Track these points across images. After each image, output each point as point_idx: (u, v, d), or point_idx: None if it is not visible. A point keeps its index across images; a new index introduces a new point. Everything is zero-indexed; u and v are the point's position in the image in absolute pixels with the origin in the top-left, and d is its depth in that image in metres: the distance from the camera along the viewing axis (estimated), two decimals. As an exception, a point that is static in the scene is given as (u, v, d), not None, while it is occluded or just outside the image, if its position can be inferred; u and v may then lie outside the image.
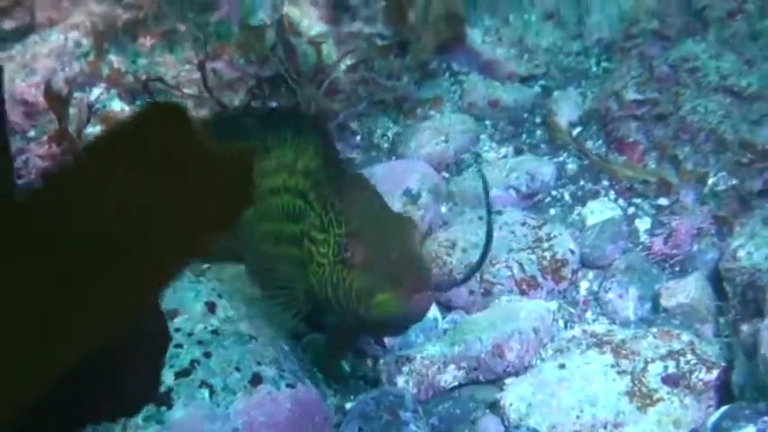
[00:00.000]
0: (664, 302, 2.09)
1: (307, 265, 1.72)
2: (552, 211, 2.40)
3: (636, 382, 1.85)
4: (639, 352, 1.91)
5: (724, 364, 1.88)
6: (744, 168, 2.26)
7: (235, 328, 1.82)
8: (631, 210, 2.36)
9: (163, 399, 1.67)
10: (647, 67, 2.43)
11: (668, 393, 1.83)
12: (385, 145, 2.61)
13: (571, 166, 2.50)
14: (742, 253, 2.00)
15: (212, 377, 1.72)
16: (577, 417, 1.82)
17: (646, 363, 1.88)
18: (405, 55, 2.64)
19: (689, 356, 1.89)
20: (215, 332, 1.80)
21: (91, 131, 2.29)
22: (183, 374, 1.72)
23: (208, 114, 2.40)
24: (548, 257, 2.18)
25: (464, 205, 2.40)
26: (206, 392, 1.70)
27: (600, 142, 2.51)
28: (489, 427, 1.86)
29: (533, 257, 2.18)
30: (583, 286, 2.21)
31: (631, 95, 2.43)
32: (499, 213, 2.27)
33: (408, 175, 2.36)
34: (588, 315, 2.16)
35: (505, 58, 2.74)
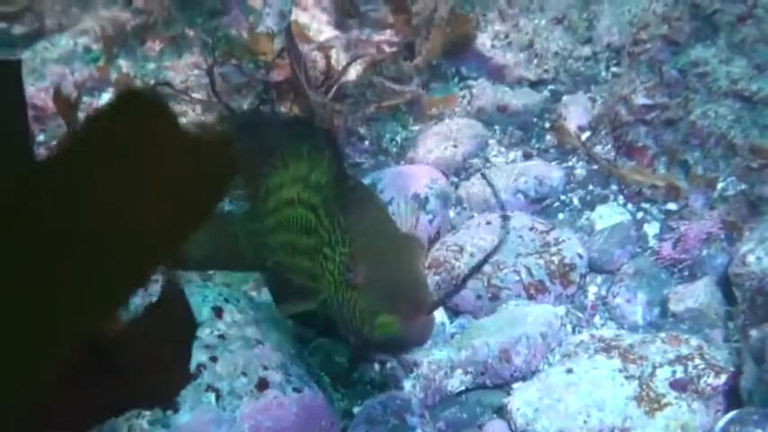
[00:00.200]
0: (672, 307, 2.08)
1: (319, 280, 1.71)
2: (561, 216, 2.40)
3: (644, 387, 1.84)
4: (647, 357, 1.90)
5: (732, 369, 1.87)
6: (753, 173, 2.26)
7: (241, 333, 1.82)
8: (640, 214, 2.35)
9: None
10: (657, 72, 2.43)
11: (676, 398, 1.82)
12: (393, 150, 2.61)
13: (580, 171, 2.49)
14: (751, 258, 1.99)
15: (218, 381, 1.71)
16: (585, 421, 1.81)
17: (654, 367, 1.87)
18: (413, 58, 2.64)
19: (697, 361, 1.88)
20: (221, 336, 1.79)
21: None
22: (189, 378, 1.71)
23: (218, 119, 2.41)
24: (556, 262, 2.18)
25: (472, 210, 2.41)
26: (212, 397, 1.69)
27: (609, 147, 2.50)
28: (496, 432, 1.86)
29: (541, 262, 2.17)
30: (591, 291, 2.21)
31: (641, 100, 2.42)
32: (507, 218, 2.26)
33: (417, 180, 2.36)
34: (596, 320, 2.15)
35: (515, 63, 2.73)
